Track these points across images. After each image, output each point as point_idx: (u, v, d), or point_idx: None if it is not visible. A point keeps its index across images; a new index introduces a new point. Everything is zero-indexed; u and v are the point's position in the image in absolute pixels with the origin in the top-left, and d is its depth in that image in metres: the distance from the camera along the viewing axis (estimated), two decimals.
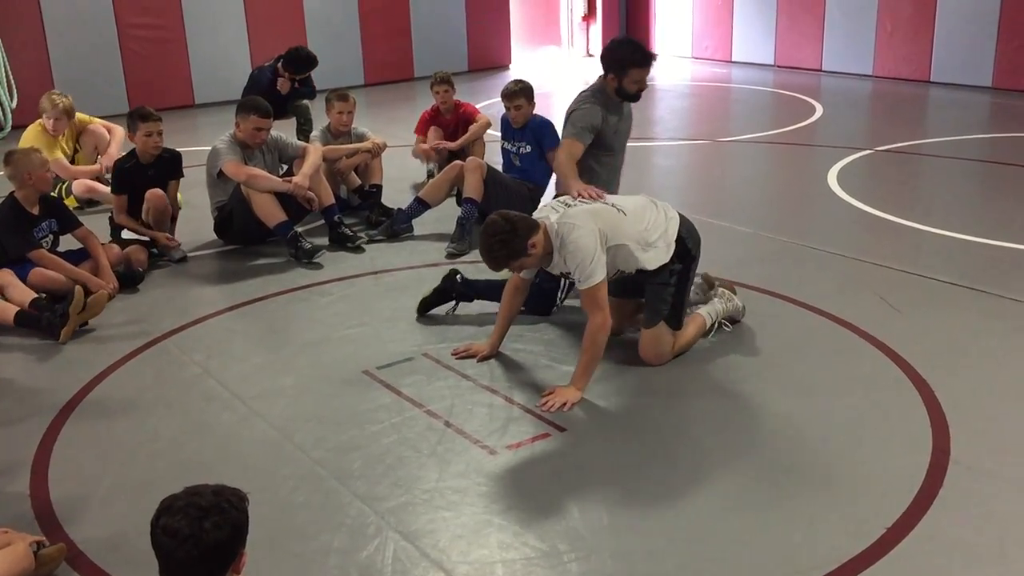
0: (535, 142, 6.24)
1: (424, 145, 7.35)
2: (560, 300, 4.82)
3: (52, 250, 5.22)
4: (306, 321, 4.97)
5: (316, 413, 3.92)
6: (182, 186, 6.12)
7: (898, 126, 9.51)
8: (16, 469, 3.55)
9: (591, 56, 15.15)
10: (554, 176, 6.32)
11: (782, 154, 8.57)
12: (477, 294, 4.85)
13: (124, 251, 5.62)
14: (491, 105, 9.66)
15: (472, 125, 7.34)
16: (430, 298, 4.88)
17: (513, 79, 6.38)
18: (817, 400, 3.92)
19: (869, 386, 4.02)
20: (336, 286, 5.40)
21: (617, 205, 4.14)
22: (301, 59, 7.97)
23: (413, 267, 5.66)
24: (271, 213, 5.76)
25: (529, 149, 6.27)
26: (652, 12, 14.83)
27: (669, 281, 4.18)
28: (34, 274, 5.00)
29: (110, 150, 7.30)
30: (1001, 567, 2.87)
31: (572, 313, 4.77)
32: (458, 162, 6.22)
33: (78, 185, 6.94)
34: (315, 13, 12.01)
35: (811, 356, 4.35)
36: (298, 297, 5.28)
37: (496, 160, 6.61)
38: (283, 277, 5.56)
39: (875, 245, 5.83)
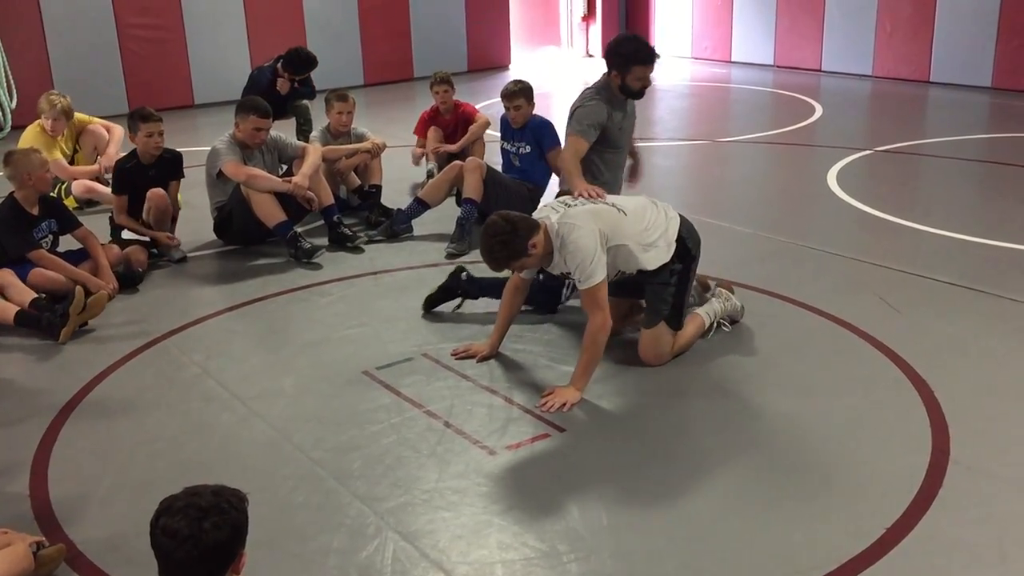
0: (534, 142, 6.24)
1: (418, 149, 7.41)
2: (564, 298, 4.83)
3: (52, 250, 5.22)
4: (306, 321, 4.97)
5: (316, 413, 3.92)
6: (181, 187, 6.12)
7: (897, 126, 9.51)
8: (16, 469, 3.55)
9: (591, 56, 15.16)
10: (554, 176, 6.36)
11: (781, 154, 8.57)
12: (482, 292, 4.85)
13: (124, 251, 5.62)
14: (491, 105, 9.66)
15: (472, 125, 7.35)
16: (435, 295, 4.89)
17: (513, 79, 6.38)
18: (817, 400, 3.92)
19: (869, 386, 4.02)
20: (336, 286, 5.40)
21: (618, 205, 4.15)
22: (301, 60, 7.97)
23: (413, 267, 5.66)
24: (271, 213, 5.76)
25: (528, 149, 6.27)
26: (652, 12, 14.83)
27: (670, 281, 4.18)
28: (34, 274, 5.00)
29: (109, 150, 7.29)
30: (1001, 567, 2.87)
31: (572, 313, 4.77)
32: (458, 162, 6.22)
33: (77, 186, 6.94)
34: (315, 13, 12.01)
35: (811, 356, 4.35)
36: (298, 297, 5.28)
37: (496, 160, 6.60)
38: (283, 277, 5.56)
39: (874, 245, 5.83)
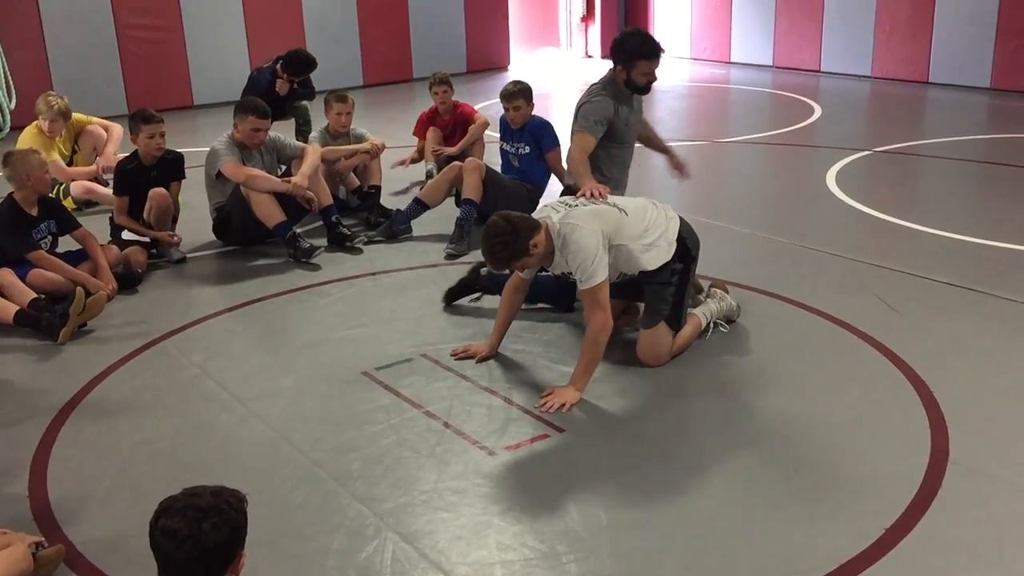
0: (534, 143, 6.24)
1: (406, 159, 7.53)
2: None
3: (51, 251, 5.22)
4: (305, 322, 4.97)
5: (315, 414, 3.92)
6: (180, 187, 6.12)
7: (896, 127, 9.51)
8: (15, 470, 3.55)
9: (590, 57, 15.17)
10: (553, 177, 6.36)
11: (781, 155, 8.57)
12: (501, 288, 4.84)
13: (123, 252, 5.62)
14: (490, 106, 9.66)
15: (471, 126, 7.35)
16: (455, 289, 4.92)
17: (512, 80, 6.38)
18: (816, 401, 3.92)
19: (868, 387, 4.02)
20: (335, 287, 5.40)
21: (619, 205, 4.16)
22: (300, 62, 7.96)
23: (412, 268, 5.66)
24: (270, 213, 5.76)
25: (528, 150, 6.27)
26: (651, 13, 14.84)
27: (671, 280, 4.19)
28: (33, 275, 5.00)
29: (107, 150, 7.29)
30: (1000, 568, 2.87)
31: (571, 314, 4.77)
32: (457, 163, 6.21)
33: (76, 187, 6.93)
34: (314, 14, 12.01)
35: (810, 357, 4.35)
36: (297, 298, 5.28)
37: (495, 161, 6.61)
38: (282, 278, 5.56)
39: (874, 246, 5.83)
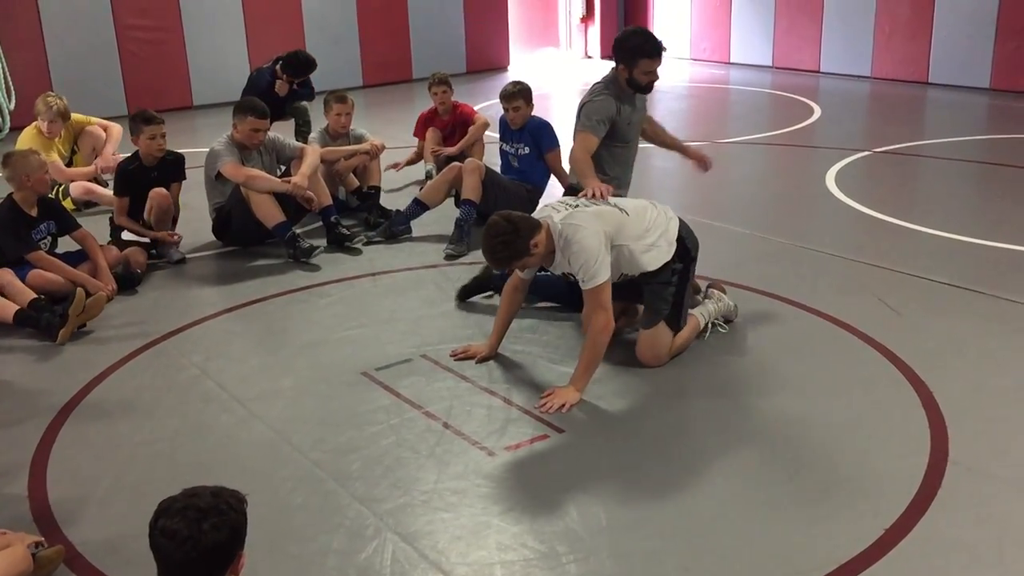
0: (533, 143, 6.24)
1: (402, 161, 7.57)
2: None
3: (50, 252, 5.22)
4: (305, 322, 4.97)
5: (315, 415, 3.92)
6: (181, 188, 6.12)
7: (896, 127, 9.52)
8: (15, 470, 3.55)
9: (589, 58, 15.17)
10: (553, 177, 6.36)
11: (780, 155, 8.57)
12: (533, 291, 4.84)
13: (123, 253, 5.62)
14: (489, 106, 9.67)
15: (471, 127, 7.35)
16: (469, 286, 4.93)
17: (511, 80, 6.38)
18: (816, 401, 3.92)
19: (868, 387, 4.02)
20: (335, 287, 5.40)
21: (620, 206, 4.16)
22: (300, 63, 7.95)
23: (412, 268, 5.66)
24: (270, 213, 5.76)
25: (527, 150, 6.26)
26: (650, 13, 14.84)
27: (671, 280, 4.19)
28: (33, 276, 5.00)
29: (105, 150, 7.29)
30: (1000, 568, 2.87)
31: (570, 314, 4.77)
32: (456, 164, 6.21)
33: (76, 187, 6.93)
34: (313, 14, 12.01)
35: (810, 357, 4.35)
36: (297, 298, 5.28)
37: (495, 162, 6.61)
38: (282, 278, 5.56)
39: (873, 246, 5.83)
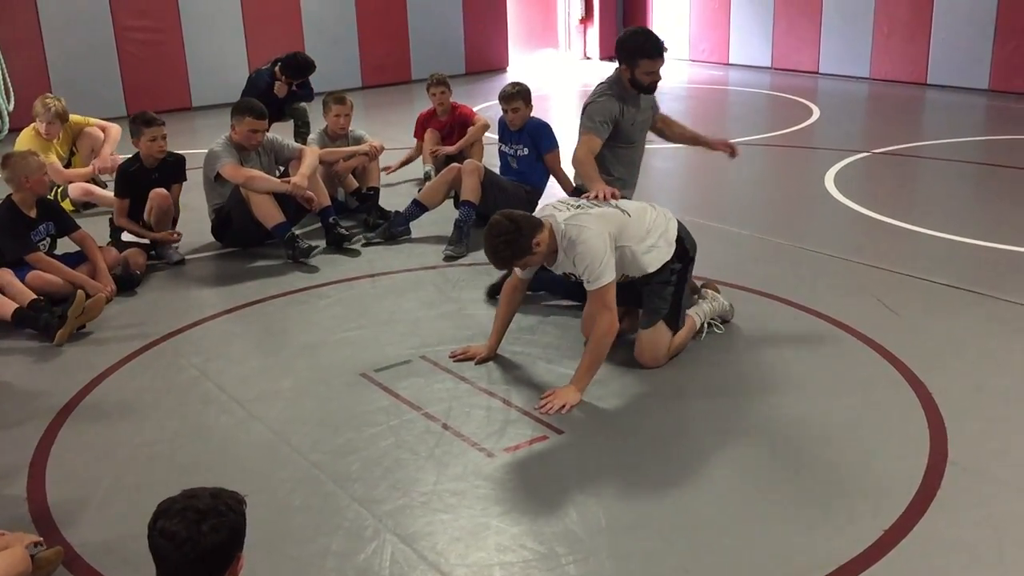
0: (532, 145, 6.24)
1: (396, 162, 7.59)
2: None
3: (49, 253, 5.22)
4: (304, 324, 4.96)
5: (314, 416, 3.92)
6: (181, 189, 6.11)
7: (895, 128, 9.52)
8: (14, 472, 3.54)
9: (588, 59, 15.18)
10: (552, 178, 6.36)
11: (779, 157, 8.58)
12: (541, 286, 4.86)
13: (122, 254, 5.61)
14: (488, 107, 9.67)
15: (470, 127, 7.35)
16: (498, 284, 4.91)
17: (510, 82, 6.38)
18: (815, 402, 3.92)
19: (867, 388, 4.02)
20: (334, 288, 5.40)
21: (621, 207, 4.17)
22: (299, 65, 7.95)
23: (411, 270, 5.66)
24: (270, 214, 5.76)
25: (526, 152, 6.26)
26: (649, 14, 14.84)
27: (670, 280, 4.20)
28: (31, 277, 4.99)
29: (103, 151, 7.29)
30: (1000, 568, 2.88)
31: (570, 315, 4.78)
32: (455, 165, 6.21)
33: (74, 188, 6.92)
34: (312, 15, 12.01)
35: (809, 358, 4.35)
36: (296, 300, 5.28)
37: (494, 163, 6.61)
38: (281, 280, 5.56)
39: (872, 247, 5.83)
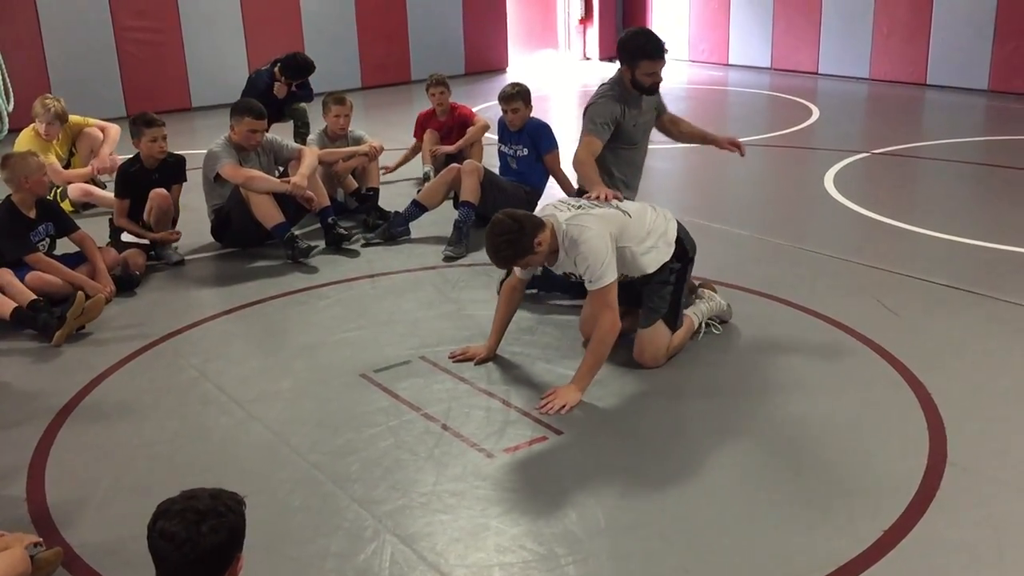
0: (532, 145, 6.24)
1: (392, 163, 7.58)
2: None
3: (48, 253, 5.21)
4: (303, 324, 4.96)
5: (313, 416, 3.92)
6: (182, 190, 6.11)
7: (894, 129, 9.52)
8: (13, 473, 3.54)
9: (588, 59, 15.17)
10: (551, 179, 6.36)
11: (779, 157, 8.58)
12: (554, 286, 4.87)
13: (122, 254, 5.61)
14: (488, 108, 9.66)
15: (470, 128, 7.35)
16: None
17: (510, 82, 6.38)
18: (814, 403, 3.92)
19: (866, 389, 4.02)
20: (333, 289, 5.39)
21: (622, 208, 4.17)
22: (298, 65, 7.94)
23: (410, 270, 5.66)
24: (269, 214, 5.76)
25: (526, 152, 6.26)
26: (649, 15, 14.84)
27: (669, 279, 4.21)
28: (31, 277, 4.98)
29: (102, 151, 7.28)
30: (1000, 568, 2.88)
31: (569, 315, 4.78)
32: (455, 165, 6.21)
33: (74, 189, 6.92)
34: (312, 16, 12.01)
35: (808, 359, 4.34)
36: (295, 300, 5.28)
37: (493, 163, 6.61)
38: (280, 280, 5.56)
39: (872, 248, 5.83)
